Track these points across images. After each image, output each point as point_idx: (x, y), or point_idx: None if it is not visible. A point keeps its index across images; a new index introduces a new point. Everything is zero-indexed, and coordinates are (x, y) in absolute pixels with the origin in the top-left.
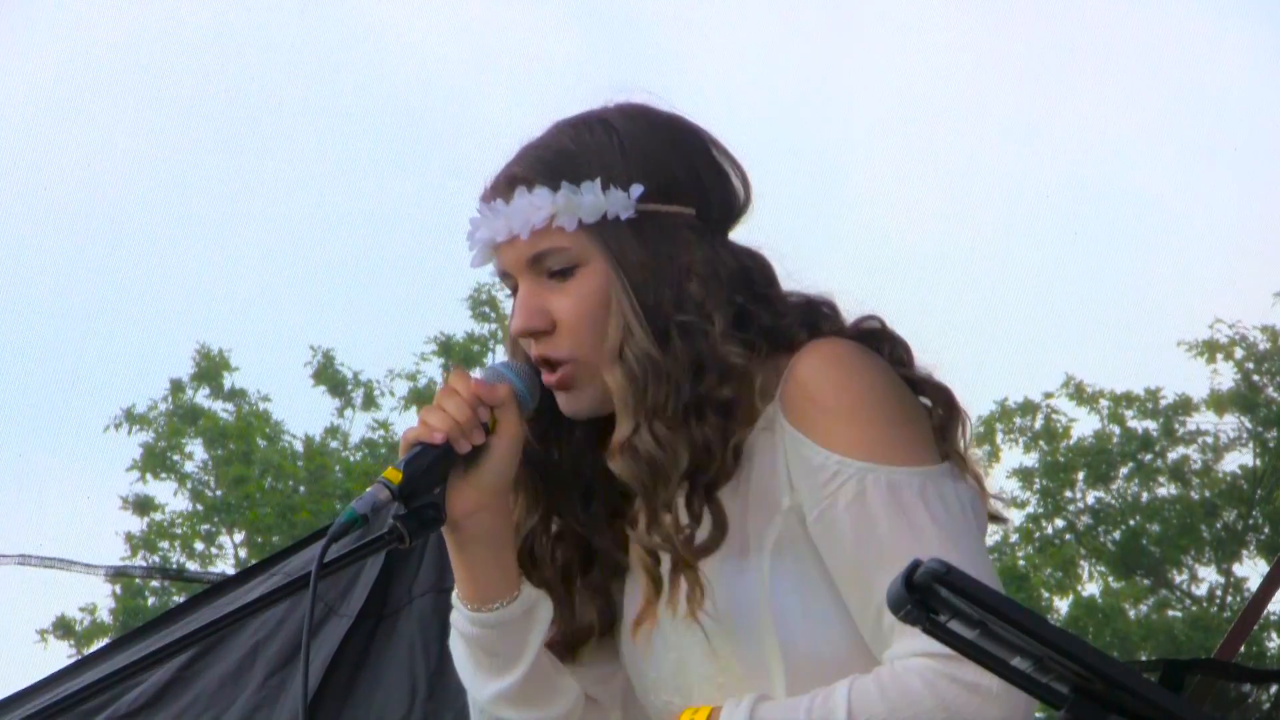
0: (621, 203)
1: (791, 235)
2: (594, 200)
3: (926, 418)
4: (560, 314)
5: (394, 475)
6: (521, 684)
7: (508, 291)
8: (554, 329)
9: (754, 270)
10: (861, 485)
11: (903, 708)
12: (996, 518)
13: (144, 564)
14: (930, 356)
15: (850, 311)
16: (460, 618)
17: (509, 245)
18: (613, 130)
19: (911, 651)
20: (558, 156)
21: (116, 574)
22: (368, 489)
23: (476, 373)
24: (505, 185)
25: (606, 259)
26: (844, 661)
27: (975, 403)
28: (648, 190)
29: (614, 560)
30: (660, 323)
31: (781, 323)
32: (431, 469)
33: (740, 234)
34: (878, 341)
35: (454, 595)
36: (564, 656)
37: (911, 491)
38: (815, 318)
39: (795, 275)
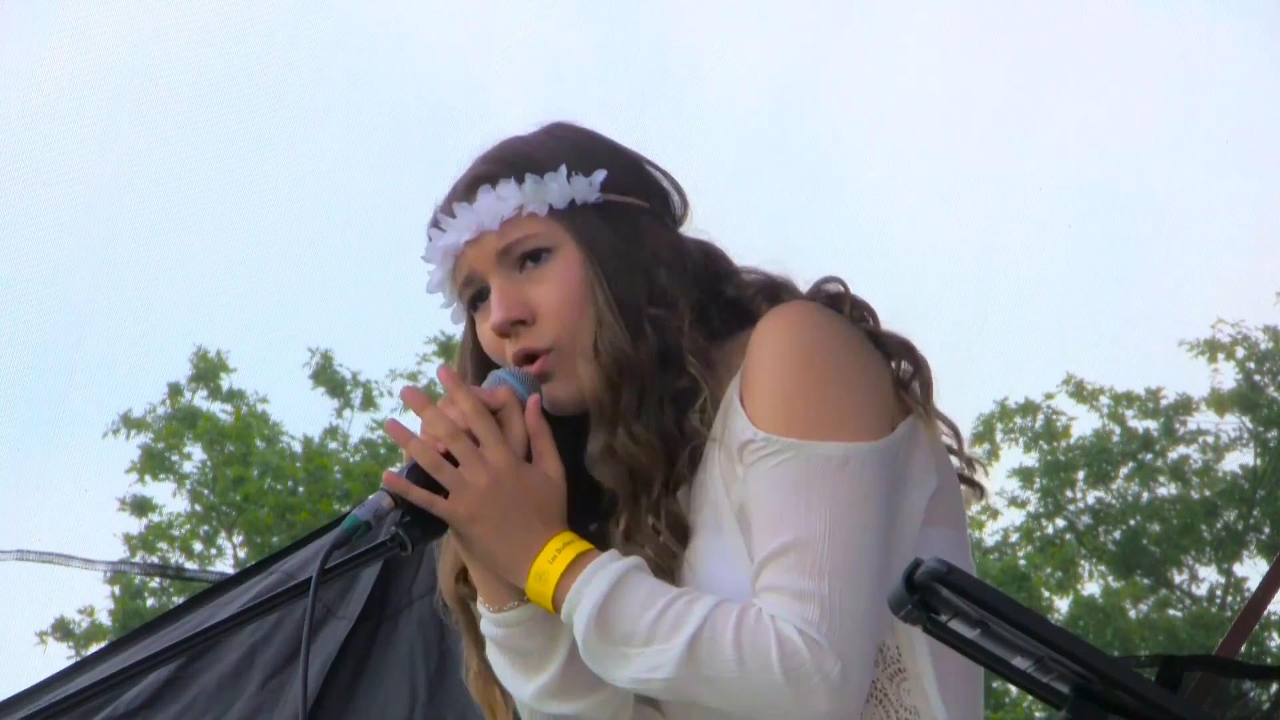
0: (586, 188)
1: (784, 232)
2: (560, 187)
3: (883, 380)
4: (539, 303)
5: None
6: (561, 677)
7: (461, 314)
8: (534, 320)
9: (713, 254)
10: (781, 459)
11: (752, 657)
12: (969, 481)
13: (141, 562)
14: (930, 354)
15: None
16: (485, 622)
17: (476, 244)
18: (559, 136)
19: (774, 589)
20: (516, 155)
21: (115, 571)
22: (370, 496)
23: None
24: (467, 188)
25: (578, 244)
26: None
27: (975, 402)
28: (607, 179)
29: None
30: (633, 313)
31: (745, 294)
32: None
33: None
34: (839, 304)
35: (478, 601)
36: None
37: (830, 464)
38: (777, 290)
39: (796, 247)
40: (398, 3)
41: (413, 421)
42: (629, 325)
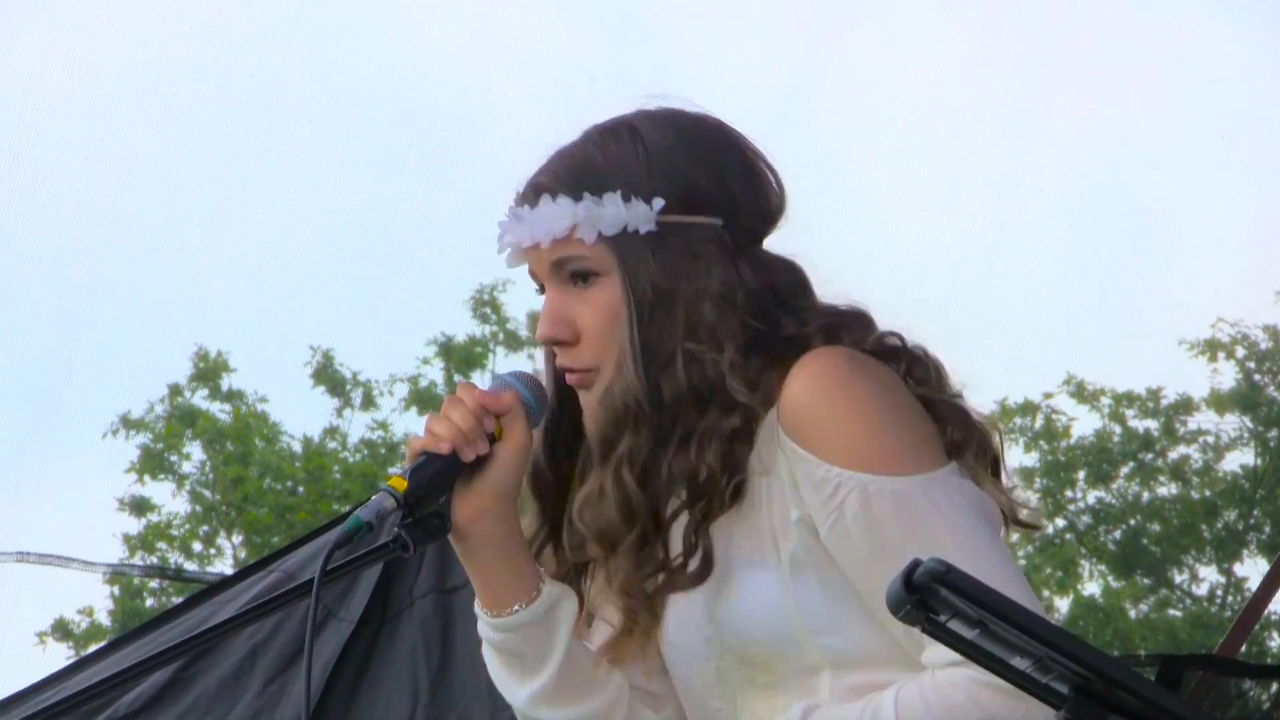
0: (643, 215)
1: (786, 234)
2: (615, 212)
3: (930, 423)
4: (583, 324)
5: (399, 483)
6: (554, 683)
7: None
8: (578, 340)
9: (783, 281)
10: (866, 496)
11: (946, 718)
12: (1026, 525)
13: (141, 563)
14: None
15: (883, 322)
16: (482, 625)
17: (534, 250)
18: (639, 140)
19: (952, 661)
20: (582, 166)
21: (115, 572)
22: (373, 496)
23: (483, 381)
24: (532, 193)
25: (622, 276)
26: (883, 659)
27: (975, 402)
28: (671, 202)
29: None
30: (665, 352)
31: (804, 331)
32: (437, 478)
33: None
34: (895, 358)
35: (475, 604)
36: (612, 659)
37: (917, 498)
38: (838, 328)
39: (831, 284)
40: (400, 5)
41: (414, 420)
42: (656, 366)
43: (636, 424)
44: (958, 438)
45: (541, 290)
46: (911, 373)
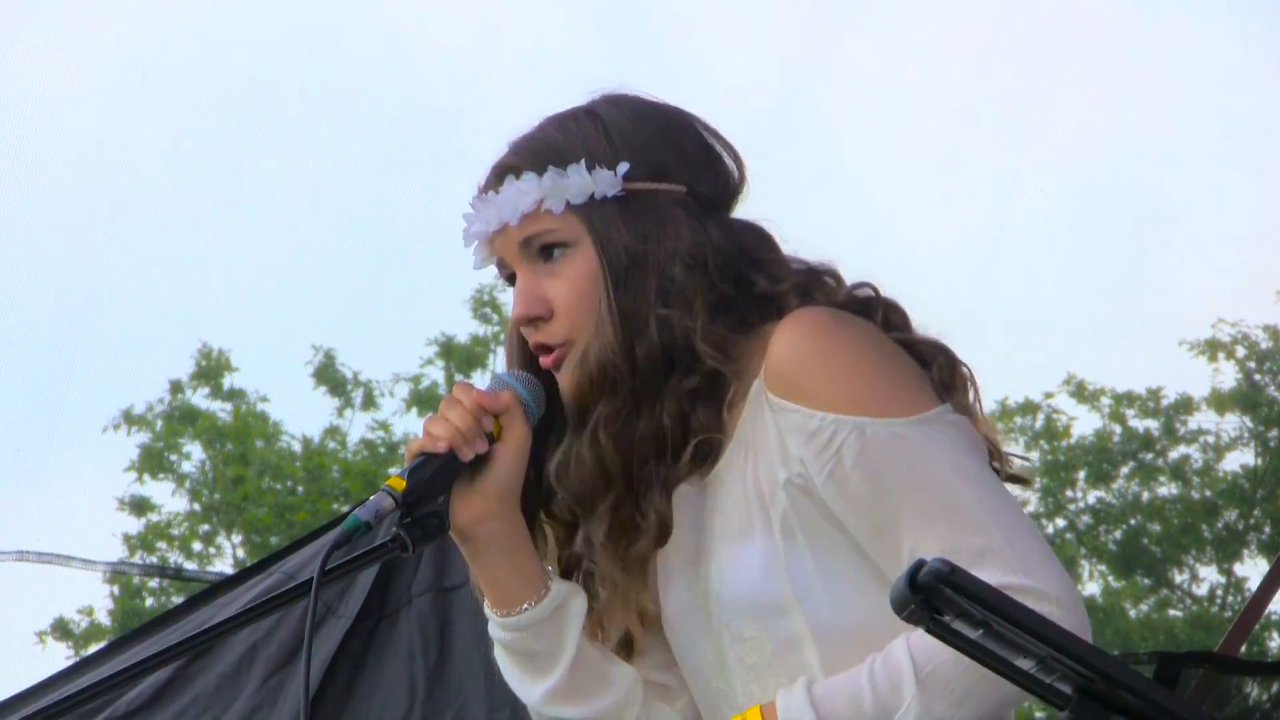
0: (608, 181)
1: (786, 233)
2: (580, 181)
3: (918, 368)
4: (556, 298)
5: (398, 483)
6: (568, 679)
7: (508, 288)
8: (552, 315)
9: (750, 241)
10: (864, 440)
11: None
12: (1017, 479)
13: (141, 562)
14: None
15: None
16: (493, 626)
17: (501, 234)
18: (598, 118)
19: None
20: (544, 145)
21: (115, 571)
22: (372, 496)
23: (481, 381)
24: (495, 178)
25: (594, 242)
26: (872, 627)
27: None
28: (635, 169)
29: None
30: (638, 316)
31: (778, 288)
32: (436, 478)
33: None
34: (870, 309)
35: (485, 606)
36: (625, 654)
37: (916, 439)
38: (811, 286)
39: (796, 247)
40: (400, 4)
41: (414, 420)
42: (631, 329)
43: (614, 388)
44: (945, 378)
45: (511, 281)
46: (889, 320)
